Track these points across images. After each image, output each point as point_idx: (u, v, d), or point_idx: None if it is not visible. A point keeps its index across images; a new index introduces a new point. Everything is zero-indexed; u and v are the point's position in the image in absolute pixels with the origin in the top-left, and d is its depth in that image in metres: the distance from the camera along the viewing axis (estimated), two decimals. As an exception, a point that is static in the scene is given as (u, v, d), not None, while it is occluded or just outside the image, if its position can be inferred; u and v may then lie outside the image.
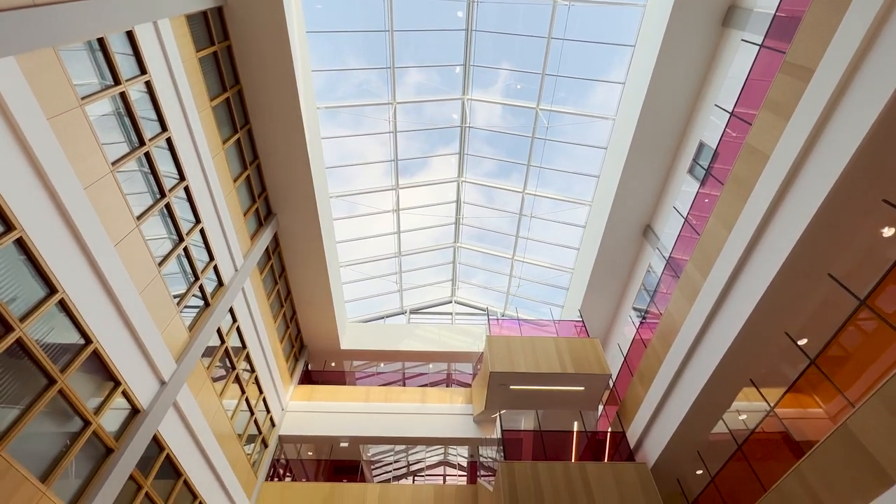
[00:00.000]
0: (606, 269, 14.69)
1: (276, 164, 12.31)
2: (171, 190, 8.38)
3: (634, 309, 14.61)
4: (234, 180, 10.97)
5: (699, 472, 10.13)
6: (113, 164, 6.91)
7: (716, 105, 10.60)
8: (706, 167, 10.17)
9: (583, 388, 12.17)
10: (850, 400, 5.98)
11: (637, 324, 13.00)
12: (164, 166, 8.25)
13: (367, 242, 18.38)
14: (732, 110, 9.27)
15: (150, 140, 7.75)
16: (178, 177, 8.67)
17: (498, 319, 17.78)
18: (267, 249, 13.42)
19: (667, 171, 12.46)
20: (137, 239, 7.49)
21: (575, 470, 9.70)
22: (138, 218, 7.53)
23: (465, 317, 21.85)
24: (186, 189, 8.91)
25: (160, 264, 8.16)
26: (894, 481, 4.86)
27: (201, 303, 9.83)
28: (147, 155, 7.71)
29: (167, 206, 8.35)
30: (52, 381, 5.97)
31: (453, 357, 18.92)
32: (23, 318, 5.50)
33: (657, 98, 11.30)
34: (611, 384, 12.79)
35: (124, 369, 7.31)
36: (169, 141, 8.28)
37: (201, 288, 9.67)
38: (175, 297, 8.73)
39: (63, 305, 6.11)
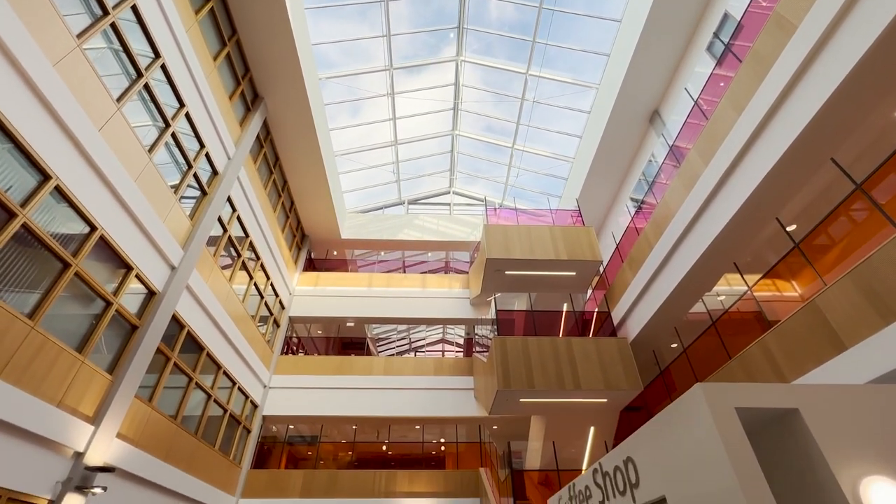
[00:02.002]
0: (608, 159, 14.40)
1: (257, 39, 11.23)
2: (147, 69, 7.78)
3: (632, 199, 14.68)
4: (214, 59, 10.13)
5: (674, 345, 11.18)
6: (78, 36, 6.31)
7: (749, -33, 9.33)
8: (726, 42, 9.35)
9: (574, 274, 12.80)
10: (826, 282, 6.35)
11: (632, 213, 13.18)
12: (137, 44, 7.55)
13: (363, 131, 17.68)
14: (766, -27, 8.20)
15: (115, 8, 6.96)
16: (152, 54, 7.98)
17: (495, 209, 17.96)
18: (258, 137, 12.96)
19: (683, 48, 11.47)
20: (121, 123, 7.18)
21: (561, 343, 10.68)
22: (118, 100, 7.13)
23: (463, 207, 22.00)
24: (164, 68, 8.27)
25: (150, 150, 7.95)
26: (846, 347, 5.42)
27: (198, 192, 9.81)
28: (114, 28, 7.00)
29: (146, 87, 7.83)
30: (66, 264, 6.23)
31: (451, 246, 19.52)
32: (23, 204, 5.55)
33: (684, -42, 9.91)
34: (601, 270, 13.43)
35: (134, 255, 7.59)
36: (136, 11, 7.44)
37: (196, 177, 9.56)
38: (172, 186, 8.70)
39: (61, 193, 6.11)
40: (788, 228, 7.15)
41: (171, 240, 8.57)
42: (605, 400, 10.38)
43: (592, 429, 11.82)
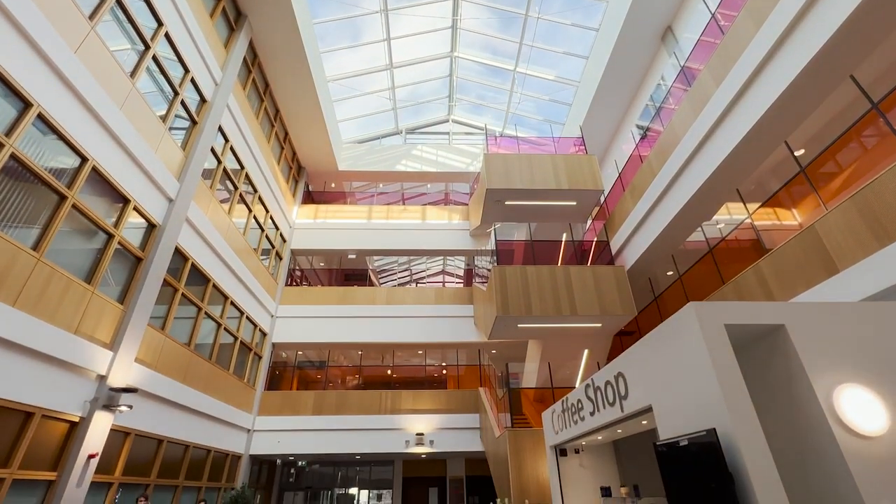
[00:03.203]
0: (615, 82, 13.68)
1: (235, -53, 10.19)
2: (117, -18, 7.14)
3: (637, 126, 14.18)
4: (190, -30, 9.26)
5: (669, 272, 11.42)
6: (36, -57, 5.71)
7: None
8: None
9: (575, 203, 12.72)
10: (827, 207, 6.32)
11: (637, 140, 12.80)
12: (101, -52, 6.84)
13: (356, 55, 16.62)
14: None
15: None
16: (121, -36, 7.27)
17: (496, 138, 17.43)
18: (245, 61, 12.22)
19: (704, -46, 10.43)
20: (97, 45, 6.73)
21: (559, 272, 10.90)
22: (90, 18, 6.62)
23: (463, 137, 21.33)
24: (136, -19, 7.58)
25: (132, 75, 7.54)
26: (838, 270, 5.53)
27: (188, 122, 9.46)
28: (74, -69, 6.31)
29: (120, 4, 7.24)
30: (62, 196, 6.18)
31: (451, 178, 19.22)
32: (8, 134, 5.38)
33: None
34: (602, 199, 13.34)
35: (130, 188, 7.49)
36: (95, -90, 6.66)
37: (184, 105, 9.16)
38: (160, 116, 8.38)
39: (46, 123, 5.89)
40: (797, 153, 6.98)
41: (166, 171, 8.41)
42: (599, 325, 10.81)
43: (586, 351, 12.44)
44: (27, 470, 5.77)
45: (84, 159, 6.56)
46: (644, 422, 5.22)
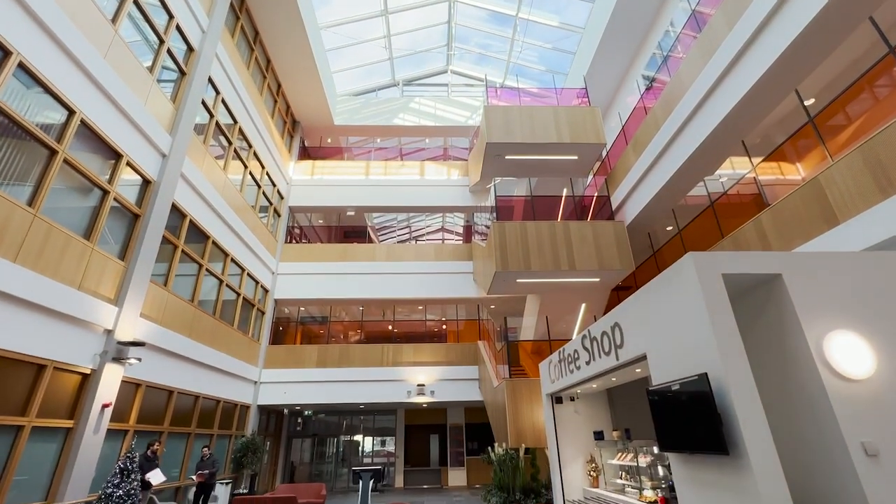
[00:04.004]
0: (622, 27, 13.03)
1: None
2: (89, -85, 6.62)
3: (643, 76, 13.67)
4: None
5: (669, 228, 11.40)
6: None
7: None
8: None
9: (576, 158, 12.49)
10: (833, 157, 6.20)
11: (643, 91, 12.38)
12: None
13: (347, -2, 15.71)
14: None
15: None
16: None
17: (496, 89, 16.87)
18: (233, 6, 11.58)
19: None
20: (74, -13, 6.35)
21: (559, 227, 10.88)
22: (64, -43, 6.21)
23: (462, 88, 20.60)
24: (109, -86, 7.04)
25: (113, 21, 7.17)
26: (839, 222, 5.52)
27: (177, 73, 9.10)
28: None
29: (93, -60, 6.75)
30: (53, 151, 6.05)
31: (450, 132, 18.76)
32: (-11, 84, 5.18)
33: None
34: (604, 153, 13.09)
35: (121, 142, 7.32)
36: None
37: (171, 54, 8.78)
38: (147, 67, 8.05)
39: (27, 71, 5.65)
40: (807, 102, 6.76)
41: (157, 125, 8.19)
42: (597, 280, 10.93)
43: (584, 305, 12.65)
44: (45, 418, 6.01)
45: (71, 112, 6.36)
46: (638, 370, 5.39)
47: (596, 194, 13.09)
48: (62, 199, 6.40)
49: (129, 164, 7.57)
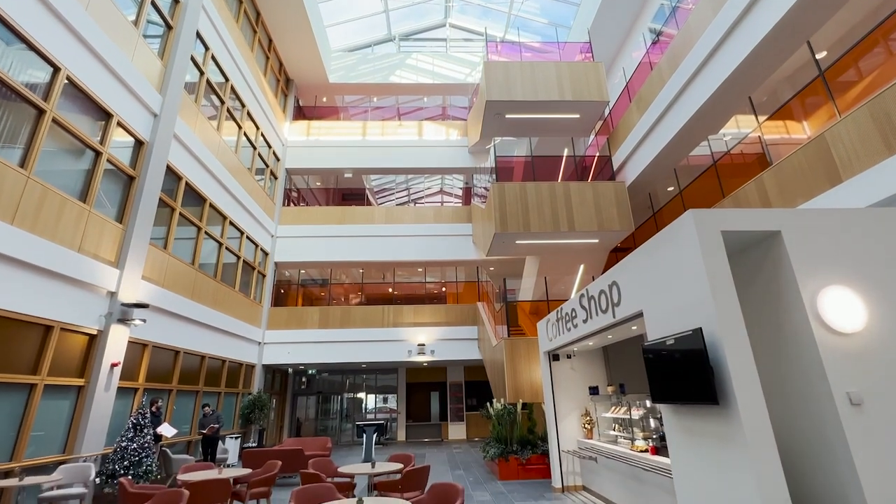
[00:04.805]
0: (628, -24, 12.40)
1: None
2: None
3: (650, 29, 13.11)
4: None
5: (670, 188, 11.30)
6: None
7: None
8: None
9: (578, 116, 12.20)
10: (841, 113, 6.05)
11: (648, 45, 11.92)
12: None
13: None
14: None
15: None
16: None
17: (496, 43, 16.24)
18: (217, -46, 10.93)
19: None
20: (48, -69, 5.96)
21: (559, 188, 10.78)
22: None
23: (461, 44, 19.80)
24: None
25: (93, -30, 6.79)
26: (842, 180, 5.46)
27: (163, 27, 8.71)
28: None
29: None
30: (40, 111, 5.89)
31: (449, 90, 18.21)
32: (-33, 38, 4.97)
33: None
34: (606, 112, 12.77)
35: (110, 101, 7.12)
36: None
37: (155, 6, 8.39)
38: (131, 21, 7.70)
39: (6, 25, 5.41)
40: (818, 56, 6.52)
41: (146, 82, 7.93)
42: (596, 241, 10.95)
43: (582, 267, 12.74)
44: (56, 376, 6.18)
45: (56, 68, 6.15)
46: (634, 327, 5.50)
47: (597, 154, 12.88)
48: (55, 162, 6.30)
49: (119, 124, 7.39)
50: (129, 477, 6.15)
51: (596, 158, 12.94)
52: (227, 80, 11.42)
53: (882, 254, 3.37)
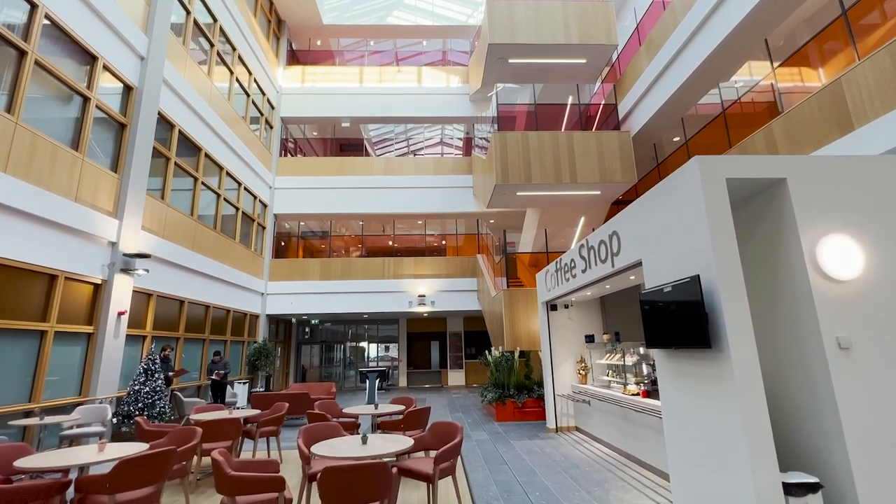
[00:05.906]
0: None
1: None
2: None
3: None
4: None
5: (676, 139, 11.02)
6: None
7: None
8: None
9: (585, 61, 11.69)
10: (860, 57, 5.78)
11: (662, -18, 11.17)
12: None
13: None
14: None
15: None
16: None
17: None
18: None
19: None
20: None
21: (562, 138, 10.52)
22: None
23: (463, -18, 18.57)
24: None
25: None
26: (854, 128, 5.31)
27: (142, -42, 8.13)
28: None
29: None
30: (21, 52, 5.62)
31: (449, 32, 17.31)
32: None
33: None
34: (614, 57, 12.21)
35: (94, 42, 6.79)
36: None
37: (133, -65, 7.77)
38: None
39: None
40: (841, -8, 6.12)
41: (130, 23, 7.52)
42: (598, 192, 10.83)
43: (582, 219, 12.70)
44: (66, 324, 6.33)
45: (33, 5, 5.80)
46: (632, 277, 5.56)
47: (603, 102, 12.45)
48: (43, 109, 6.11)
49: (106, 67, 7.08)
50: (145, 416, 6.47)
51: (601, 107, 12.53)
52: (215, 20, 10.82)
53: (885, 202, 3.34)
